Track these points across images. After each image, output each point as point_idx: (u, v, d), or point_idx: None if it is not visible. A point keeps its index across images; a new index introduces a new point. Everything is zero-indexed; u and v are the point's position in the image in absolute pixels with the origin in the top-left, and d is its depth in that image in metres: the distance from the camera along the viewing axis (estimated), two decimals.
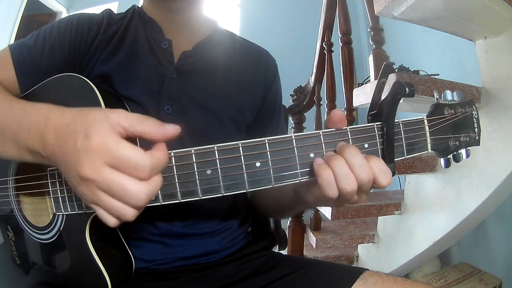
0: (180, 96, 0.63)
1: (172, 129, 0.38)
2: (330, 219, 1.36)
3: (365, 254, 1.64)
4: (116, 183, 0.34)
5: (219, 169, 0.40)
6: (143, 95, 0.61)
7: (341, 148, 0.41)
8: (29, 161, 0.44)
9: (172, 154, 0.41)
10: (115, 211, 0.36)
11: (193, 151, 0.41)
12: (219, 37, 0.71)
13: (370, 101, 0.45)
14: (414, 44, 2.43)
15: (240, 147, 0.40)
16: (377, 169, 0.40)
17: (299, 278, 0.61)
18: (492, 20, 0.99)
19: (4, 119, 0.45)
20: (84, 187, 0.36)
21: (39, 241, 0.57)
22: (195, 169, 0.40)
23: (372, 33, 1.27)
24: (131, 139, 0.37)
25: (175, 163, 0.41)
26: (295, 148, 0.41)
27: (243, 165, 0.40)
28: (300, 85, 1.87)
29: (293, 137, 0.41)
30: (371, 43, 1.27)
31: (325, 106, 1.60)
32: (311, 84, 1.77)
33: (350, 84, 1.45)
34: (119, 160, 0.34)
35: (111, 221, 0.37)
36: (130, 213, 0.36)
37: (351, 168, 0.39)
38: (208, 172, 0.40)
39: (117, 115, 0.36)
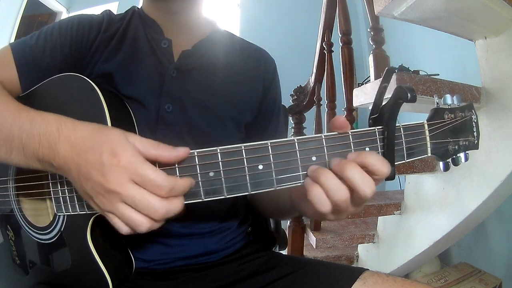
0: (181, 95, 0.63)
1: (184, 152, 0.40)
2: None
3: (365, 254, 1.64)
4: (140, 198, 0.38)
5: (221, 171, 0.41)
6: (144, 94, 0.61)
7: (336, 166, 0.40)
8: (35, 169, 0.46)
9: None
10: (132, 222, 0.39)
11: (196, 154, 0.41)
12: (218, 37, 0.71)
13: (370, 101, 0.45)
14: (414, 44, 2.43)
15: (243, 150, 0.41)
16: (376, 166, 0.39)
17: (299, 278, 0.61)
18: (492, 20, 0.99)
19: (11, 127, 0.45)
20: (105, 198, 0.39)
21: (40, 241, 0.57)
22: (198, 171, 0.41)
23: (372, 33, 1.28)
24: None
25: (178, 165, 0.41)
26: (297, 151, 0.41)
27: (246, 168, 0.41)
28: (300, 85, 1.87)
29: (296, 140, 0.41)
30: (371, 43, 1.27)
31: (325, 106, 1.60)
32: (311, 84, 1.77)
33: (350, 84, 1.45)
34: (143, 178, 0.38)
35: (125, 229, 0.40)
36: (146, 225, 0.39)
37: (348, 182, 0.39)
38: (211, 174, 0.41)
39: (133, 139, 0.40)
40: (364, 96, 1.13)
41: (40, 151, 0.43)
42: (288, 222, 1.65)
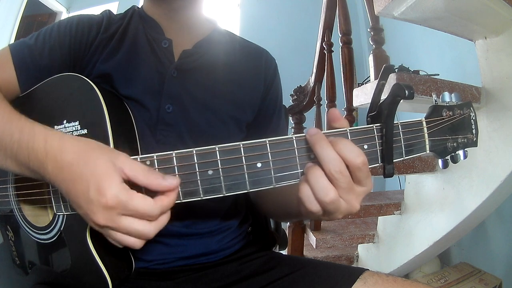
0: (181, 95, 0.63)
1: (174, 182, 0.40)
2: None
3: (365, 254, 1.64)
4: (132, 228, 0.39)
5: (220, 169, 0.41)
6: (143, 94, 0.61)
7: (313, 145, 0.40)
8: (29, 177, 0.46)
9: (174, 155, 0.41)
10: (126, 243, 0.41)
11: (194, 152, 0.41)
12: (219, 37, 0.71)
13: (370, 101, 0.45)
14: (414, 44, 2.43)
15: (241, 148, 0.41)
16: (345, 154, 0.39)
17: (299, 278, 0.61)
18: (492, 20, 0.99)
19: (3, 135, 0.45)
20: (97, 226, 0.41)
21: (39, 241, 0.57)
22: (197, 170, 0.41)
23: (372, 33, 1.28)
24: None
25: (176, 163, 0.41)
26: (296, 149, 0.41)
27: (244, 166, 0.41)
28: (300, 85, 1.87)
29: (294, 138, 0.41)
30: (371, 43, 1.27)
31: (325, 106, 1.60)
32: (311, 84, 1.78)
33: (350, 84, 1.45)
34: (132, 211, 0.39)
35: (120, 246, 0.42)
36: (139, 245, 0.41)
37: (325, 170, 0.39)
38: (210, 172, 0.41)
39: (121, 164, 0.40)
40: (364, 96, 1.13)
41: (31, 164, 0.43)
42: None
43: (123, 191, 0.38)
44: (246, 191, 0.41)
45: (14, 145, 0.44)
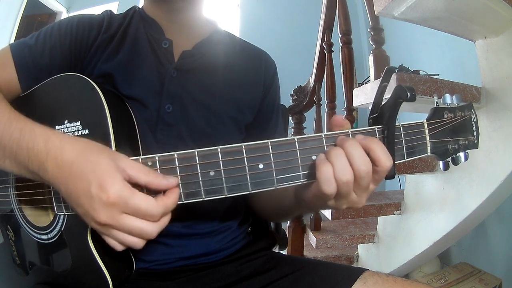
0: (181, 95, 0.63)
1: (174, 181, 0.41)
2: (330, 219, 1.37)
3: (365, 254, 1.64)
4: (133, 227, 0.39)
5: (222, 170, 0.41)
6: (144, 94, 0.61)
7: (341, 140, 0.41)
8: (27, 178, 0.46)
9: (176, 156, 0.41)
10: (128, 243, 0.41)
11: (196, 153, 0.41)
12: (219, 38, 0.71)
13: (370, 101, 0.45)
14: (414, 44, 2.43)
15: (243, 149, 0.41)
16: (378, 154, 0.40)
17: (299, 278, 0.61)
18: (492, 20, 0.99)
19: (2, 135, 0.45)
20: (98, 226, 0.40)
21: (40, 241, 0.57)
22: (199, 171, 0.41)
23: (372, 33, 1.28)
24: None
25: (178, 164, 0.41)
26: (298, 151, 0.41)
27: (246, 167, 0.41)
28: (300, 85, 1.87)
29: (296, 139, 0.41)
30: (371, 43, 1.27)
31: (325, 106, 1.60)
32: (311, 84, 1.78)
33: (350, 84, 1.45)
34: (134, 209, 0.39)
35: (119, 248, 0.41)
36: (140, 245, 0.41)
37: (349, 159, 0.40)
38: (211, 173, 0.41)
39: (123, 164, 0.40)
40: (364, 96, 1.13)
41: (30, 164, 0.43)
42: (288, 222, 1.65)
43: (125, 188, 0.38)
44: (248, 192, 0.42)
45: (13, 145, 0.44)
